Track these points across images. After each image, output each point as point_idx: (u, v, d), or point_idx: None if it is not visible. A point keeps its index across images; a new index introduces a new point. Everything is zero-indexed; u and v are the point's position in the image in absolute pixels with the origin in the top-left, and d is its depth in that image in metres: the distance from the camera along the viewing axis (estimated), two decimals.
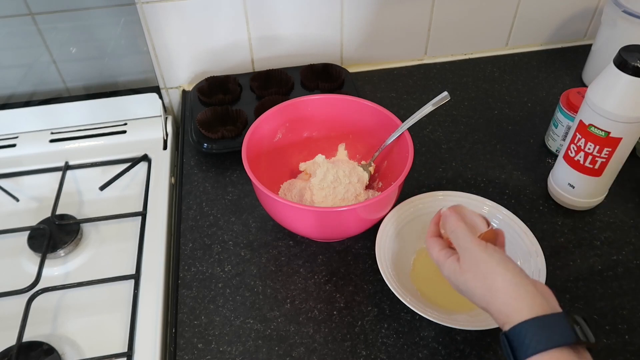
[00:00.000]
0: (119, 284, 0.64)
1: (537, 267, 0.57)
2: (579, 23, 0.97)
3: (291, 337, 0.57)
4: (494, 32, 0.95)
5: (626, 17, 0.76)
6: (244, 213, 0.70)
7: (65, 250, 0.68)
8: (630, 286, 0.60)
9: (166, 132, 0.82)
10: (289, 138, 0.70)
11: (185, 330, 0.58)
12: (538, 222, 0.67)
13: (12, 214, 0.74)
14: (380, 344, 0.56)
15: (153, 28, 0.81)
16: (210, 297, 0.61)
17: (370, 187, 0.70)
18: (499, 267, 0.44)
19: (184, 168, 0.77)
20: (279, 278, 0.62)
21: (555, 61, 0.95)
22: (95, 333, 0.60)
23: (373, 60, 0.95)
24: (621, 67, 0.56)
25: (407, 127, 0.63)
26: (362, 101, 0.68)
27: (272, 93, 0.83)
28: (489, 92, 0.89)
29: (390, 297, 0.59)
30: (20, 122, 0.82)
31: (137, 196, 0.75)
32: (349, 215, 0.57)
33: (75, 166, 0.78)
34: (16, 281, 0.63)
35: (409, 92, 0.89)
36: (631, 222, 0.67)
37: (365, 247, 0.65)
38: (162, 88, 0.90)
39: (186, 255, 0.65)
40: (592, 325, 0.41)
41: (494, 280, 0.43)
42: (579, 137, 0.63)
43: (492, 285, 0.43)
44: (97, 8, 0.77)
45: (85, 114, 0.83)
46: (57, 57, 0.81)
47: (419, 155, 0.77)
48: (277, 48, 0.89)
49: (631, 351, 0.55)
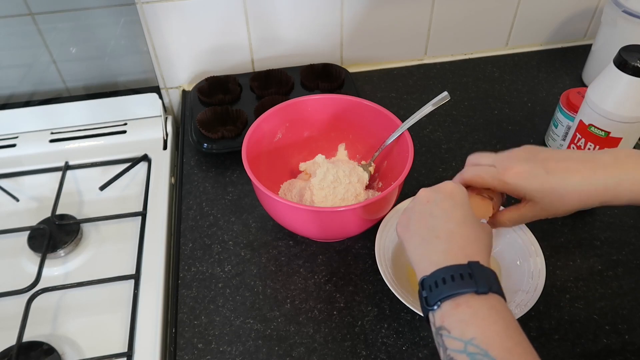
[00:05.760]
0: (119, 284, 0.64)
1: (537, 267, 0.57)
2: (579, 23, 0.97)
3: (291, 337, 0.57)
4: (494, 32, 0.95)
5: (626, 17, 0.76)
6: (244, 213, 0.70)
7: (65, 250, 0.68)
8: (630, 286, 0.60)
9: (166, 132, 0.82)
10: (289, 138, 0.70)
11: (185, 330, 0.58)
12: (538, 222, 0.66)
13: (12, 214, 0.74)
14: (380, 344, 0.56)
15: (153, 28, 0.81)
16: (210, 297, 0.61)
17: (370, 187, 0.70)
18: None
19: (184, 168, 0.77)
20: (279, 278, 0.62)
21: (555, 61, 0.95)
22: (95, 333, 0.60)
23: (373, 60, 0.95)
24: (621, 67, 0.56)
25: (407, 127, 0.63)
26: (362, 101, 0.68)
27: (272, 93, 0.83)
28: (489, 92, 0.89)
29: (390, 297, 0.59)
30: (20, 122, 0.82)
31: (137, 196, 0.75)
32: (349, 215, 0.57)
33: (75, 166, 0.78)
34: (16, 281, 0.63)
35: (409, 92, 0.89)
36: (631, 222, 0.67)
37: (365, 247, 0.65)
38: (162, 88, 0.90)
39: (186, 255, 0.65)
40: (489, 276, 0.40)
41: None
42: (579, 137, 0.63)
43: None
44: (97, 8, 0.77)
45: (85, 114, 0.83)
46: (57, 57, 0.81)
47: (419, 155, 0.77)
48: (277, 48, 0.89)
49: (631, 351, 0.55)
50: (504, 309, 0.39)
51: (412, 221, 0.47)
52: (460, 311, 0.38)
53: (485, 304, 0.38)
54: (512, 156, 0.49)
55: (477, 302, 0.38)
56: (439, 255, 0.42)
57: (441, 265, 0.41)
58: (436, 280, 0.40)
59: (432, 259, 0.42)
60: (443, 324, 0.39)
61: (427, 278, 0.41)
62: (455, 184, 0.48)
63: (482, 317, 0.38)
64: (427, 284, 0.41)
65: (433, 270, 0.41)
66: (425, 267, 0.42)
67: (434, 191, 0.47)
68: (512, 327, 0.38)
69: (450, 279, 0.39)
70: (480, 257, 0.42)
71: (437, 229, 0.44)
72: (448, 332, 0.38)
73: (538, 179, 0.47)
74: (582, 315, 0.58)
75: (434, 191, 0.47)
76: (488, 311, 0.38)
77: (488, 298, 0.39)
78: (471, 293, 0.38)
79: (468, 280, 0.39)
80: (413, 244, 0.46)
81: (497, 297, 0.39)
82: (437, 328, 0.39)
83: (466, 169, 0.52)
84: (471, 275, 0.39)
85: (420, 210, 0.47)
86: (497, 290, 0.40)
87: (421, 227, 0.45)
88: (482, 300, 0.38)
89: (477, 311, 0.38)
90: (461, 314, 0.38)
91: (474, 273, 0.39)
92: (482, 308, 0.38)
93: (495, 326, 0.37)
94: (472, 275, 0.39)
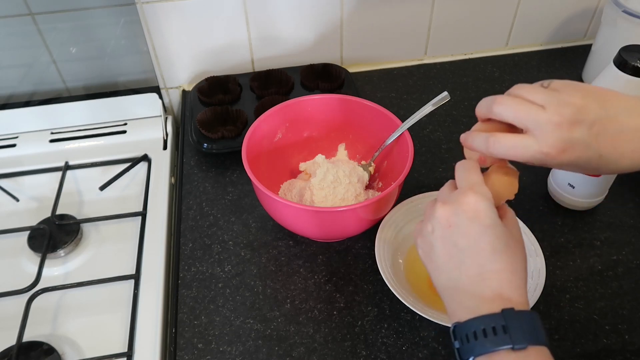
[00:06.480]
0: (119, 284, 0.64)
1: (537, 267, 0.57)
2: (579, 23, 0.97)
3: (291, 337, 0.57)
4: (494, 32, 0.95)
5: (626, 17, 0.76)
6: (244, 213, 0.70)
7: (65, 250, 0.68)
8: (630, 286, 0.60)
9: (166, 132, 0.82)
10: (289, 138, 0.70)
11: (185, 330, 0.58)
12: (538, 222, 0.67)
13: (12, 214, 0.74)
14: (380, 344, 0.56)
15: (153, 28, 0.81)
16: (210, 297, 0.61)
17: (370, 187, 0.70)
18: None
19: (184, 168, 0.77)
20: (279, 278, 0.62)
21: (555, 61, 0.95)
22: (95, 333, 0.60)
23: (373, 60, 0.95)
24: (621, 67, 0.56)
25: (407, 127, 0.63)
26: (362, 101, 0.68)
27: (272, 93, 0.83)
28: (489, 92, 0.88)
29: (390, 297, 0.59)
30: (20, 122, 0.82)
31: (137, 196, 0.75)
32: (349, 215, 0.57)
33: (75, 166, 0.78)
34: (16, 281, 0.63)
35: (409, 92, 0.89)
36: (631, 222, 0.67)
37: (365, 247, 0.65)
38: (162, 88, 0.90)
39: (186, 255, 0.65)
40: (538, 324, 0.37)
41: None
42: None
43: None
44: (97, 8, 0.77)
45: (85, 114, 0.83)
46: (57, 57, 0.81)
47: (419, 155, 0.77)
48: (277, 48, 0.89)
49: (631, 351, 0.55)
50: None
51: (435, 250, 0.42)
52: None
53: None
54: (563, 121, 0.39)
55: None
56: (470, 300, 0.39)
57: (473, 314, 0.38)
58: (467, 333, 0.37)
59: (464, 303, 0.39)
60: None
61: (459, 327, 0.38)
62: (476, 195, 0.41)
63: None
64: (458, 334, 0.38)
65: (466, 320, 0.38)
66: (456, 312, 0.39)
67: (454, 212, 0.41)
68: None
69: (482, 334, 0.36)
70: (517, 294, 0.38)
71: (465, 266, 0.40)
72: None
73: (591, 164, 0.41)
74: (582, 315, 0.58)
75: (454, 212, 0.41)
76: None
77: (527, 355, 0.35)
78: (507, 350, 0.35)
79: (502, 336, 0.36)
80: (441, 281, 0.42)
81: (536, 352, 0.36)
82: None
83: (501, 136, 0.42)
84: (505, 328, 0.36)
85: (443, 237, 0.41)
86: (536, 341, 0.36)
87: (447, 262, 0.41)
88: (520, 357, 0.35)
89: None
90: None
91: (509, 325, 0.36)
92: None
93: None
94: (507, 328, 0.36)
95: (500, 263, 0.39)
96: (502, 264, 0.39)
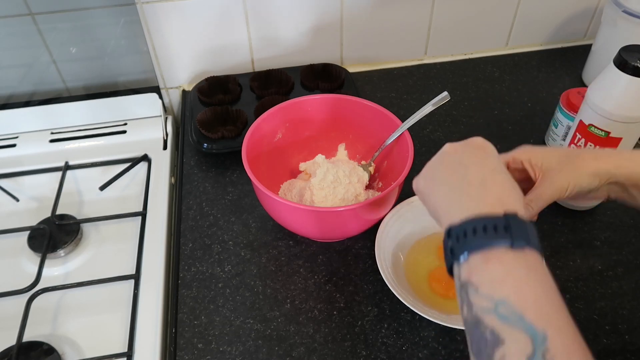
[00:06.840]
0: (119, 284, 0.64)
1: None
2: (579, 23, 0.97)
3: (291, 337, 0.57)
4: (494, 32, 0.95)
5: (626, 17, 0.76)
6: (244, 213, 0.70)
7: (65, 250, 0.68)
8: (630, 286, 0.60)
9: (166, 132, 0.82)
10: (289, 138, 0.70)
11: (185, 330, 0.58)
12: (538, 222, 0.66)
13: (12, 214, 0.74)
14: (380, 344, 0.56)
15: (153, 28, 0.82)
16: (210, 297, 0.61)
17: (370, 187, 0.70)
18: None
19: (184, 168, 0.77)
20: (279, 278, 0.62)
21: (555, 61, 0.95)
22: (95, 333, 0.60)
23: (373, 60, 0.95)
24: (621, 67, 0.56)
25: (407, 127, 0.63)
26: (362, 101, 0.68)
27: (272, 93, 0.83)
28: (489, 92, 0.89)
29: (390, 297, 0.59)
30: (20, 122, 0.82)
31: (137, 196, 0.75)
32: (349, 215, 0.57)
33: (75, 166, 0.78)
34: (16, 281, 0.63)
35: (409, 92, 0.89)
36: (631, 222, 0.67)
37: (365, 247, 0.65)
38: (162, 88, 0.90)
39: (186, 255, 0.65)
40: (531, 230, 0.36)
41: None
42: (579, 137, 0.63)
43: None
44: (97, 8, 0.77)
45: (85, 114, 0.83)
46: (57, 57, 0.81)
47: (419, 155, 0.76)
48: (277, 48, 0.89)
49: (631, 351, 0.55)
50: (541, 268, 0.34)
51: (438, 172, 0.42)
52: (490, 267, 0.34)
53: (520, 261, 0.34)
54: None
55: (511, 259, 0.34)
56: (471, 202, 0.38)
57: (473, 214, 0.36)
58: (465, 230, 0.36)
59: (464, 205, 0.38)
60: (470, 279, 0.34)
61: (455, 226, 0.37)
62: (484, 139, 0.44)
63: (518, 276, 0.33)
64: (454, 233, 0.36)
65: (463, 218, 0.36)
66: (454, 214, 0.38)
67: (462, 144, 0.43)
68: (551, 291, 0.34)
69: (482, 230, 0.35)
70: (518, 206, 0.37)
71: (469, 176, 0.39)
72: (475, 289, 0.34)
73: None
74: (582, 315, 0.58)
75: (462, 144, 0.43)
76: (525, 270, 0.34)
77: (525, 254, 0.34)
78: (505, 247, 0.34)
79: (502, 233, 0.34)
80: (440, 193, 0.41)
81: (534, 254, 0.35)
82: (462, 283, 0.35)
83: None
84: (507, 228, 0.35)
85: (449, 160, 0.42)
86: (535, 246, 0.35)
87: (450, 175, 0.41)
88: (517, 256, 0.34)
89: (510, 269, 0.34)
90: (492, 270, 0.34)
91: (511, 226, 0.35)
92: (517, 266, 0.34)
93: (533, 288, 0.33)
94: (508, 228, 0.34)
95: (502, 177, 0.40)
96: (504, 178, 0.40)
